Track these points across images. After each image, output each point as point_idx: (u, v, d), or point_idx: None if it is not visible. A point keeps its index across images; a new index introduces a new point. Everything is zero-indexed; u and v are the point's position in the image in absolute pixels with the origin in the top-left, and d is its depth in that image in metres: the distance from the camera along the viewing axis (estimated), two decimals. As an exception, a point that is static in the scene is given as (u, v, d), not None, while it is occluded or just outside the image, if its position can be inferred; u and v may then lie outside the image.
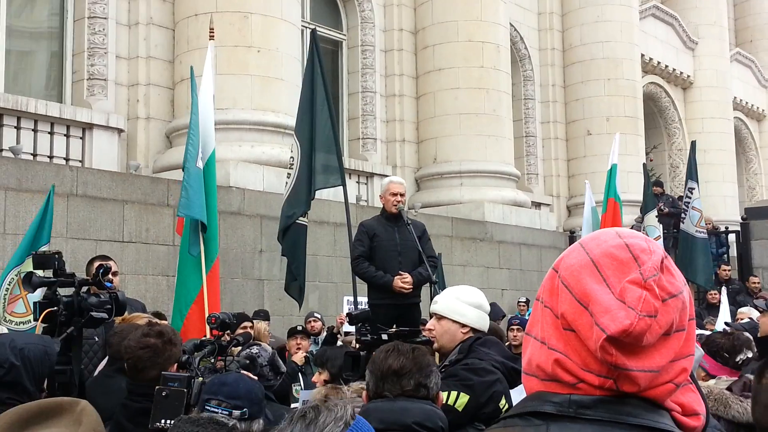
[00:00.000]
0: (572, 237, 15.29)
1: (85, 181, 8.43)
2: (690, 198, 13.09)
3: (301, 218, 7.85)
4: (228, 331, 3.98)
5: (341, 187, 7.94)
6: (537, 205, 17.11)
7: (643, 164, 14.69)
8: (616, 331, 1.13)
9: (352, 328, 6.47)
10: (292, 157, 8.01)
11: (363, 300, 7.78)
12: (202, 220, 6.81)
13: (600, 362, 1.16)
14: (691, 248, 12.79)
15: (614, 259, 1.20)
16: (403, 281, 6.70)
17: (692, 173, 13.17)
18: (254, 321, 7.82)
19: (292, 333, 7.51)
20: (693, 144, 13.78)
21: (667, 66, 21.66)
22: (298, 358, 6.95)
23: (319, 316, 8.72)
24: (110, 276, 4.59)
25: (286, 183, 8.01)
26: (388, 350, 2.82)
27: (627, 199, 14.83)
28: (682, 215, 13.15)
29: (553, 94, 18.12)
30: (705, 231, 13.08)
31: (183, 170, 7.05)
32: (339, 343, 7.20)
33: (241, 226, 9.56)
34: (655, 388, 1.17)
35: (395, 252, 6.89)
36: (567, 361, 1.18)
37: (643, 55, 19.94)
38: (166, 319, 6.14)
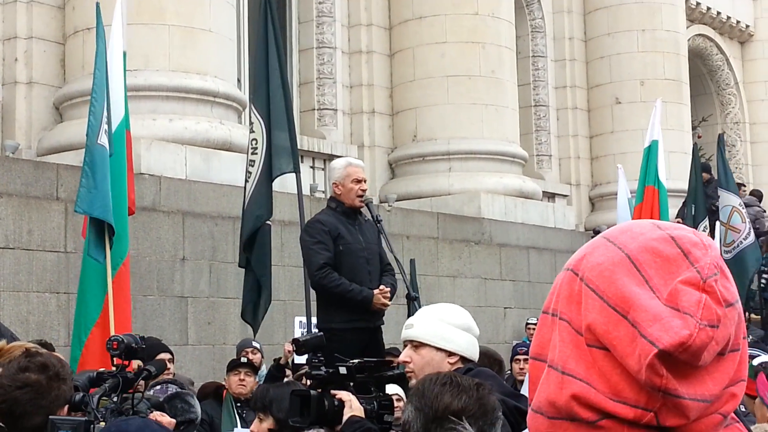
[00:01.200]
0: (597, 238, 15.32)
1: (-56, 167, 8.40)
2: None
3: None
4: (140, 362, 3.97)
5: (293, 175, 8.06)
6: (550, 196, 17.20)
7: (694, 144, 14.77)
8: (672, 344, 1.11)
9: (303, 359, 6.47)
10: (254, 140, 8.11)
11: (320, 322, 7.79)
12: (108, 221, 6.82)
13: (637, 389, 1.14)
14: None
15: (657, 255, 1.19)
16: (384, 295, 6.75)
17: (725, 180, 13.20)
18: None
19: (234, 366, 7.54)
20: (721, 138, 13.89)
21: (719, 13, 21.85)
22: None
23: (258, 346, 8.72)
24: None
25: (249, 174, 8.13)
26: (444, 382, 2.72)
27: (669, 189, 14.93)
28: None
29: (570, 50, 18.21)
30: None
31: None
32: (287, 379, 7.22)
33: (157, 226, 9.53)
34: (699, 420, 1.16)
35: (363, 258, 6.90)
36: (588, 390, 1.16)
37: (688, -1, 20.13)
38: (54, 351, 6.11)
